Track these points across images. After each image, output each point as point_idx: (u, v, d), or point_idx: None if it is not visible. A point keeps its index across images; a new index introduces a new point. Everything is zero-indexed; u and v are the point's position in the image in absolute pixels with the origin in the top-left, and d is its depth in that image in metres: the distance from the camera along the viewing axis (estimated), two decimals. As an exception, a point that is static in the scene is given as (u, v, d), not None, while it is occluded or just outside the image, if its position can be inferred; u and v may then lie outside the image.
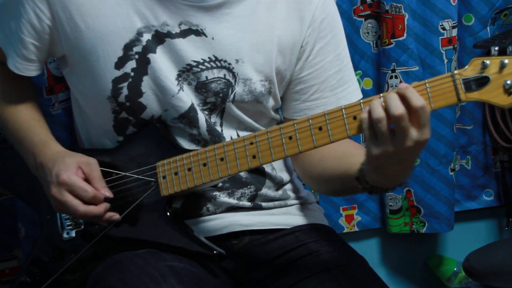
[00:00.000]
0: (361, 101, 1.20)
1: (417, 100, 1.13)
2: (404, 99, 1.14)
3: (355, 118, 1.20)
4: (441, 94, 1.14)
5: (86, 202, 1.36)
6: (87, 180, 1.38)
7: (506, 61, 1.09)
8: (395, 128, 1.15)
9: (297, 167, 1.57)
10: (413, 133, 1.14)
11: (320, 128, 1.23)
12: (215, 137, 1.46)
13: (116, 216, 1.40)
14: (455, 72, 1.12)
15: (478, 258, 1.95)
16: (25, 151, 1.49)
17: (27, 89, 1.57)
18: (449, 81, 1.13)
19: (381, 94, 1.18)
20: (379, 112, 1.15)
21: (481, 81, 1.11)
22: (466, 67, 1.12)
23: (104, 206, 1.38)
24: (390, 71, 2.04)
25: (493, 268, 1.92)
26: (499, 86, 1.10)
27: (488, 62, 1.10)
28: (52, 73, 1.82)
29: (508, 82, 1.09)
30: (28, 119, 1.52)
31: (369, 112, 1.16)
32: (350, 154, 1.39)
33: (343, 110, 1.21)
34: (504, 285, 1.90)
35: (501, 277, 1.91)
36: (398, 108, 1.13)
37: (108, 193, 1.38)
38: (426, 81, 1.14)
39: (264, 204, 1.53)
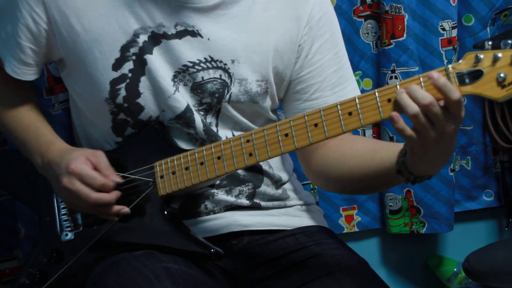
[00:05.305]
0: (356, 97, 1.20)
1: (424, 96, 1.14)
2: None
3: (350, 114, 1.20)
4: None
5: (97, 190, 1.37)
6: (95, 170, 1.38)
7: (499, 54, 1.09)
8: (430, 117, 1.14)
9: (310, 172, 1.54)
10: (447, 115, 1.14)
11: (316, 125, 1.23)
12: (212, 137, 1.46)
13: (125, 209, 1.40)
14: (449, 66, 1.13)
15: (478, 258, 1.95)
16: (32, 153, 1.49)
17: (26, 92, 1.58)
18: (443, 75, 1.13)
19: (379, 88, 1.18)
20: (426, 96, 1.14)
21: (475, 75, 1.12)
22: (460, 61, 1.13)
23: (115, 193, 1.38)
24: (390, 72, 2.04)
25: (493, 269, 1.91)
26: (493, 79, 1.10)
27: (481, 56, 1.11)
28: (52, 74, 1.83)
29: (501, 75, 1.09)
30: (32, 122, 1.52)
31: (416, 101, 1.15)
32: (375, 149, 1.38)
33: (338, 106, 1.21)
34: (504, 285, 1.90)
35: (501, 278, 1.91)
36: (426, 96, 1.13)
37: (118, 179, 1.38)
38: (421, 75, 1.15)
39: (263, 203, 1.53)
